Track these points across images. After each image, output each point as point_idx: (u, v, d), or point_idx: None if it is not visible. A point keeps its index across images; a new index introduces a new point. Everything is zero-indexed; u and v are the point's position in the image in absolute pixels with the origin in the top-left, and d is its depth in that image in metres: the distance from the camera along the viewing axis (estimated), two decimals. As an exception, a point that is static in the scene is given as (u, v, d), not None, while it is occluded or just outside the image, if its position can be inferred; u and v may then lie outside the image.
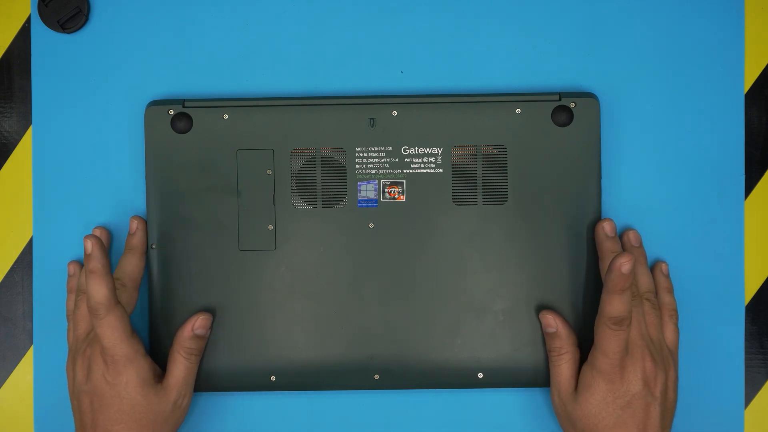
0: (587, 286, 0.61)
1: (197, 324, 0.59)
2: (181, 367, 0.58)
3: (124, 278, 0.60)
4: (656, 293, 0.60)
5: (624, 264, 0.53)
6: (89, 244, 0.55)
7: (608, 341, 0.56)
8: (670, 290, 0.61)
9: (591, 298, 0.61)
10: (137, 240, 0.61)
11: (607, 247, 0.59)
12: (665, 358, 0.58)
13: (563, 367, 0.58)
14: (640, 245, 0.61)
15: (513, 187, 0.61)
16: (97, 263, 0.55)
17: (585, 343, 0.60)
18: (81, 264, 0.62)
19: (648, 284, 0.59)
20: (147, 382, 0.57)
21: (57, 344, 0.62)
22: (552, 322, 0.59)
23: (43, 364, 0.63)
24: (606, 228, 0.60)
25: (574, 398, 0.57)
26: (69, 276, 0.62)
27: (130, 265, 0.60)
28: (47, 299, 0.63)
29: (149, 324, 0.61)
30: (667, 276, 0.61)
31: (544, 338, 0.60)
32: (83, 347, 0.58)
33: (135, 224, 0.61)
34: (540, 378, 0.61)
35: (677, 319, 0.60)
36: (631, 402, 0.56)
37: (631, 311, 0.55)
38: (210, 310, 0.61)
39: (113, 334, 0.56)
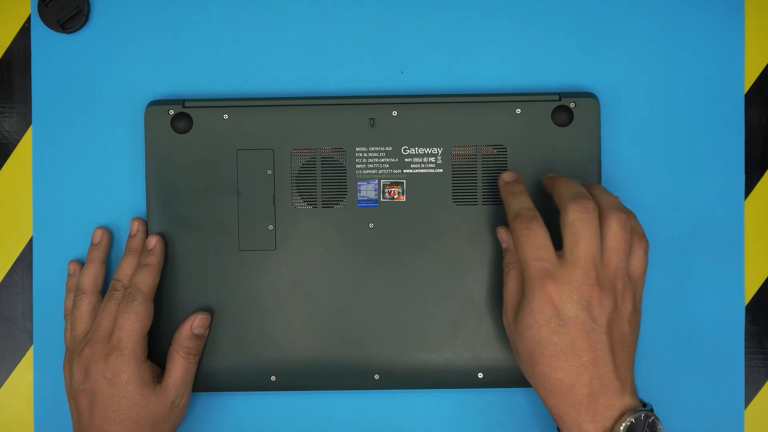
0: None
1: (196, 323, 0.59)
2: (179, 367, 0.58)
3: (125, 280, 0.60)
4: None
5: (504, 174, 0.58)
6: (154, 240, 0.60)
7: (520, 244, 0.53)
8: (634, 216, 0.55)
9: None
10: (138, 242, 0.61)
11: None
12: (617, 285, 0.53)
13: (510, 282, 0.56)
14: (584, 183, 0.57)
15: (513, 187, 0.61)
16: (155, 259, 0.59)
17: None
18: (81, 263, 0.62)
19: (613, 200, 0.54)
20: (146, 382, 0.57)
21: (57, 344, 0.62)
22: (504, 237, 0.58)
23: (43, 364, 0.63)
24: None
25: (516, 318, 0.54)
26: (69, 275, 0.62)
27: (131, 267, 0.60)
28: (47, 299, 0.63)
29: (149, 324, 0.61)
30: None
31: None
32: (81, 347, 0.58)
33: (136, 226, 0.61)
34: (540, 378, 0.61)
35: (647, 245, 0.55)
36: (566, 326, 0.52)
37: (531, 210, 0.54)
38: (210, 310, 0.61)
39: (134, 325, 0.57)
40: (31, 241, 0.63)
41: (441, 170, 0.61)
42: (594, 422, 0.51)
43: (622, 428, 0.51)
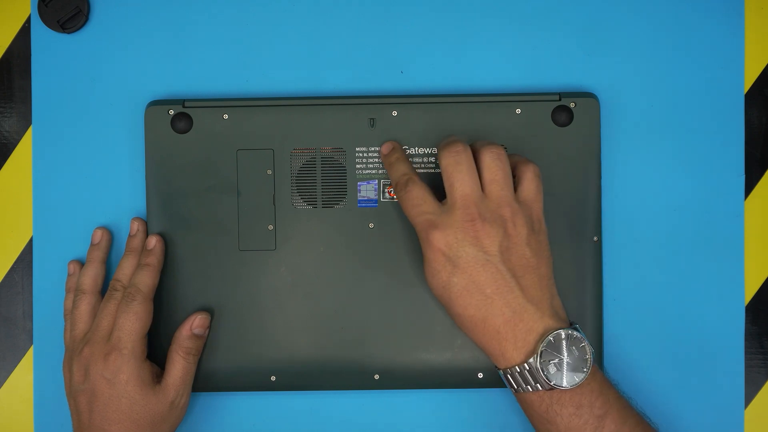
0: (587, 284, 0.61)
1: (195, 323, 0.59)
2: (179, 367, 0.58)
3: (124, 280, 0.60)
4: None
5: (382, 147, 0.59)
6: (154, 240, 0.60)
7: (403, 208, 0.56)
8: (494, 143, 0.56)
9: (591, 296, 0.61)
10: (138, 242, 0.61)
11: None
12: (505, 213, 0.53)
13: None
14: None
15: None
16: (155, 259, 0.59)
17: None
18: (81, 263, 0.62)
19: (485, 141, 0.56)
20: (146, 381, 0.57)
21: (57, 344, 0.62)
22: None
23: (43, 364, 0.63)
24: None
25: (425, 276, 0.56)
26: (69, 275, 0.62)
27: (131, 267, 0.60)
28: (47, 299, 0.63)
29: (149, 324, 0.61)
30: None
31: None
32: (80, 347, 0.58)
33: (136, 226, 0.61)
34: (540, 378, 0.61)
35: (536, 168, 0.56)
36: (459, 265, 0.53)
37: (406, 174, 0.56)
38: (210, 310, 0.61)
39: (134, 325, 0.57)
40: (31, 241, 0.63)
41: (441, 170, 0.61)
42: (516, 348, 0.53)
43: (540, 348, 0.52)
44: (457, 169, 0.54)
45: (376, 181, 0.61)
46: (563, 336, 0.53)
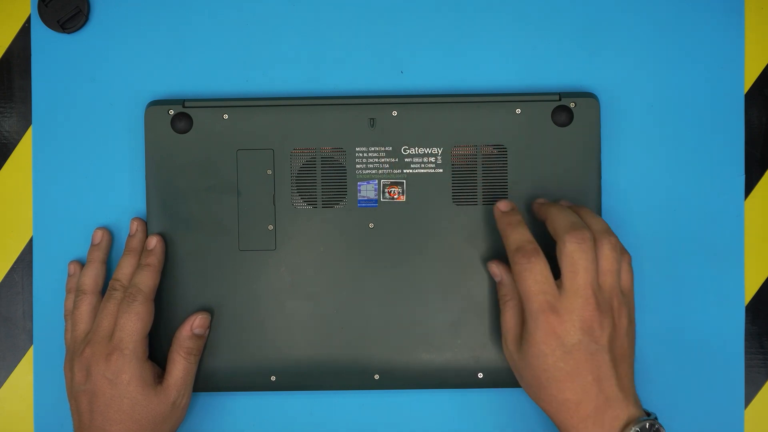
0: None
1: (196, 323, 0.59)
2: (180, 367, 0.58)
3: (124, 280, 0.60)
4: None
5: (500, 204, 0.58)
6: (154, 240, 0.60)
7: (522, 278, 0.54)
8: (610, 229, 0.57)
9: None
10: (137, 242, 0.61)
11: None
12: (614, 304, 0.55)
13: (507, 314, 0.57)
14: (571, 205, 0.59)
15: (513, 187, 0.61)
16: (155, 259, 0.59)
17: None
18: (81, 264, 0.62)
19: (603, 225, 0.56)
20: (147, 382, 0.57)
21: (57, 344, 0.62)
22: (497, 271, 0.59)
23: (43, 364, 0.63)
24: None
25: (519, 348, 0.56)
26: (69, 276, 0.62)
27: (130, 267, 0.60)
28: (47, 299, 0.63)
29: (149, 324, 0.61)
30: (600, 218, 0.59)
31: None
32: (81, 348, 0.58)
33: (135, 225, 0.61)
34: (540, 378, 0.61)
35: (630, 258, 0.57)
36: (571, 352, 0.53)
37: (532, 242, 0.55)
38: (210, 310, 0.61)
39: (135, 325, 0.57)
40: (31, 241, 0.63)
41: (441, 170, 0.61)
42: None
43: None
44: (584, 257, 0.54)
45: (376, 181, 0.61)
46: (648, 426, 0.53)
